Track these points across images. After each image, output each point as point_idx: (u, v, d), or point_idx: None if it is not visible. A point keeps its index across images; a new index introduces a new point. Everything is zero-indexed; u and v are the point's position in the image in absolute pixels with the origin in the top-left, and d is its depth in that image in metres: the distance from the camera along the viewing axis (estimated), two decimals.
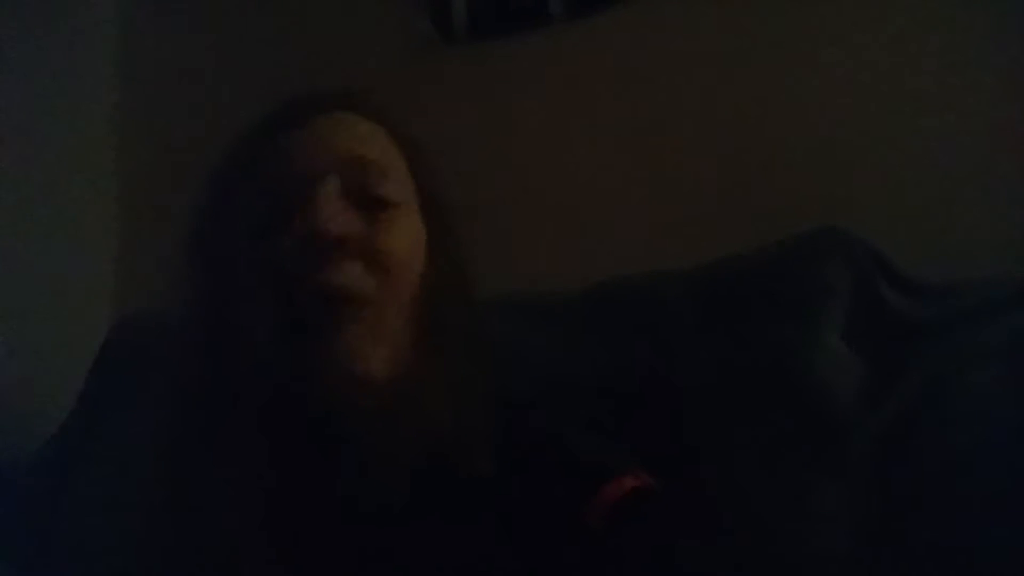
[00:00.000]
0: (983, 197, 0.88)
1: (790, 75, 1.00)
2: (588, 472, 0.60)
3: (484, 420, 0.60)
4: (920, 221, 0.89)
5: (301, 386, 0.57)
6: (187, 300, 0.64)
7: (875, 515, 0.68)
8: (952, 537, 0.64)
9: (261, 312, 0.59)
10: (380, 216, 0.62)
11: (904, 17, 0.95)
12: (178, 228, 0.66)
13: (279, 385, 0.58)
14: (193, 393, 0.62)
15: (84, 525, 0.90)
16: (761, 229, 0.86)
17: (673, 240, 0.99)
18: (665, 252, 0.92)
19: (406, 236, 0.63)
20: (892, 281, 0.78)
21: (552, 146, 1.11)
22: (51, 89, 1.30)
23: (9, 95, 1.21)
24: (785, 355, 0.76)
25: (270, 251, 0.59)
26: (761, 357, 0.76)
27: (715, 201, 1.01)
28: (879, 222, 0.85)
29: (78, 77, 1.37)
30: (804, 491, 0.70)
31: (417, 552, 0.56)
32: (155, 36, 1.42)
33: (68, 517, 0.93)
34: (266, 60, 1.28)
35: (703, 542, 0.61)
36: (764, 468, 0.72)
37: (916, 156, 0.92)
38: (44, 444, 1.02)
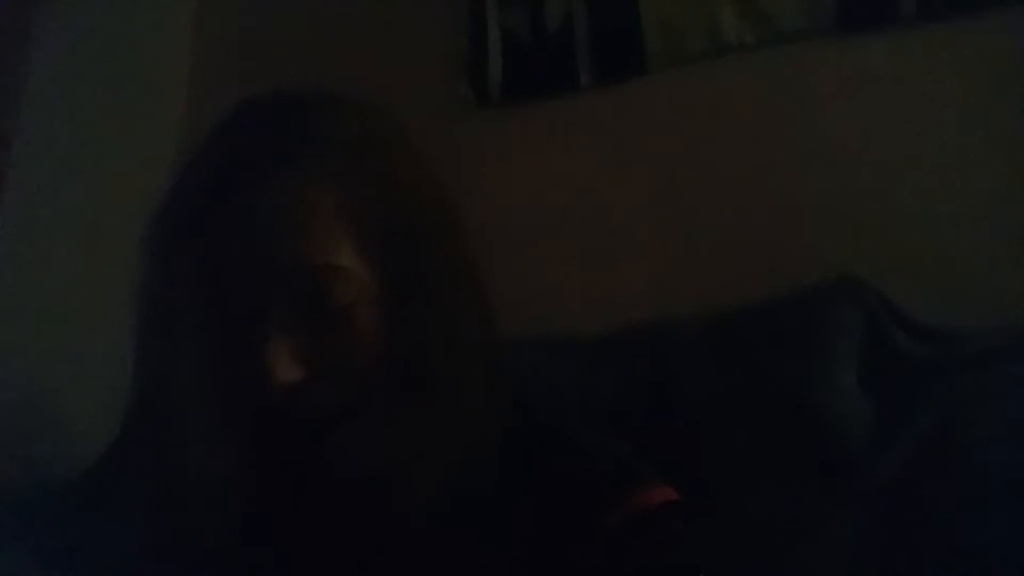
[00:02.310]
0: (983, 251, 0.92)
1: (803, 137, 1.05)
2: (615, 480, 0.58)
3: (485, 457, 0.58)
4: (922, 272, 0.93)
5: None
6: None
7: (882, 548, 0.70)
8: (958, 571, 0.66)
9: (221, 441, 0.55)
10: (331, 322, 0.55)
11: (905, 79, 1.01)
12: None
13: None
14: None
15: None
16: (776, 279, 0.89)
17: (692, 291, 1.03)
18: (684, 302, 0.95)
19: (365, 329, 0.56)
20: (902, 325, 0.81)
21: (578, 202, 1.16)
22: (102, 93, 1.29)
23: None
24: (799, 391, 0.78)
25: (224, 376, 0.55)
26: (775, 393, 0.79)
27: (733, 254, 1.05)
28: (885, 274, 0.87)
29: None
30: (815, 522, 0.72)
31: (432, 563, 0.55)
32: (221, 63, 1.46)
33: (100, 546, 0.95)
34: None
35: (720, 562, 0.59)
36: (776, 497, 0.74)
37: (920, 212, 0.97)
38: (83, 473, 1.01)
